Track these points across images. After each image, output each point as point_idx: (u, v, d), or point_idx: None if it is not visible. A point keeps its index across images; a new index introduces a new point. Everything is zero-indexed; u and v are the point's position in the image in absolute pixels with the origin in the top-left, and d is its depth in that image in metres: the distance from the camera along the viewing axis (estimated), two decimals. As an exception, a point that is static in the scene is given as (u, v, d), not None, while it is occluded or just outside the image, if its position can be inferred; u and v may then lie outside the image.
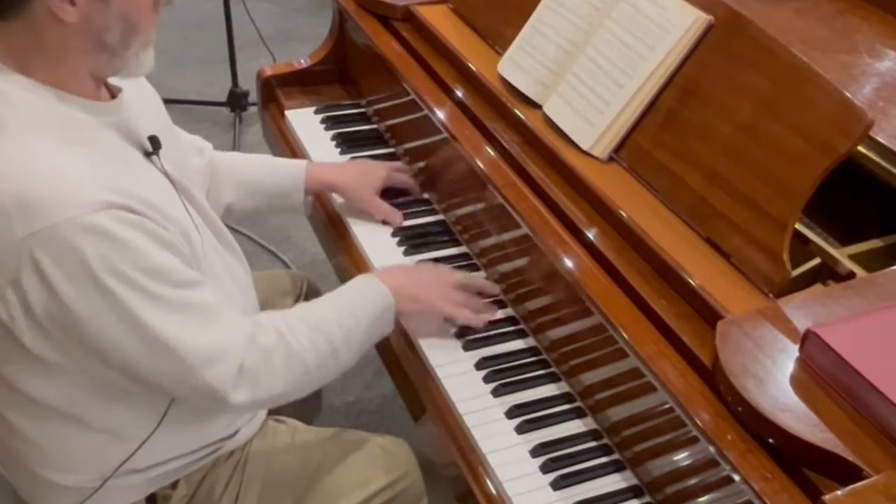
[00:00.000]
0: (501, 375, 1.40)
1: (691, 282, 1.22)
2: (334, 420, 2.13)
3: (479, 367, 1.41)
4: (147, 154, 1.23)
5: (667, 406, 1.15)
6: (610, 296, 1.28)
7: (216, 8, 3.21)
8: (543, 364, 1.43)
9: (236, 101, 3.34)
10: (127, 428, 1.25)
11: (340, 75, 2.09)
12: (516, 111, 1.57)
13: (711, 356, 1.12)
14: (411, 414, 1.48)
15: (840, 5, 1.75)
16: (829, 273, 1.28)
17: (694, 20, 1.39)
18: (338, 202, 1.74)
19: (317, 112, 1.99)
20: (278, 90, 2.05)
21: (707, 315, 1.19)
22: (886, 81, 1.52)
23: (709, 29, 1.38)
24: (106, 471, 1.27)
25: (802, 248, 1.30)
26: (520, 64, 1.62)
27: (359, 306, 1.35)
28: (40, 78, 1.11)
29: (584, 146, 1.46)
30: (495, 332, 1.47)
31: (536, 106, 1.57)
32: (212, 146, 1.61)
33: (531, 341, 1.46)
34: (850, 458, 0.98)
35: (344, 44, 2.05)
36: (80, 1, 1.07)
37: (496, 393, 1.38)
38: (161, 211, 1.14)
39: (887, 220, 1.38)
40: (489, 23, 1.77)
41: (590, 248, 1.35)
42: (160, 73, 1.22)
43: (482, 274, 1.58)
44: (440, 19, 1.84)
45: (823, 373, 1.07)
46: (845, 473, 0.98)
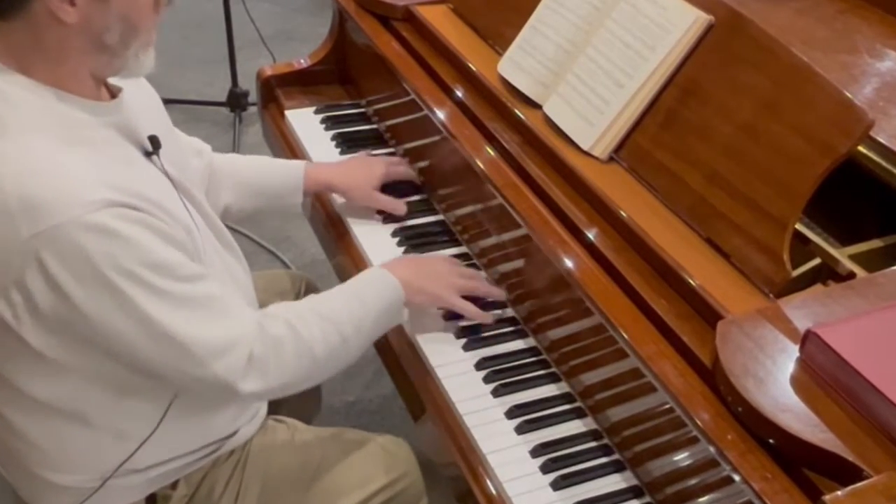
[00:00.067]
0: (501, 375, 1.40)
1: (691, 282, 1.22)
2: (334, 420, 2.13)
3: (480, 368, 1.41)
4: (147, 154, 1.23)
5: (667, 406, 1.15)
6: (610, 296, 1.27)
7: (216, 8, 3.21)
8: (543, 364, 1.43)
9: (236, 101, 3.34)
10: (128, 426, 1.25)
11: (340, 75, 2.09)
12: (516, 111, 1.57)
13: (711, 356, 1.12)
14: (411, 414, 1.48)
15: (840, 5, 1.75)
16: (830, 273, 1.28)
17: (694, 20, 1.39)
18: (338, 202, 1.74)
19: (317, 112, 1.99)
20: (278, 90, 2.04)
21: (707, 315, 1.19)
22: (887, 81, 1.52)
23: (709, 29, 1.38)
24: (106, 471, 1.27)
25: (803, 249, 1.30)
26: (520, 64, 1.62)
27: (369, 297, 1.36)
28: (40, 78, 1.11)
29: (585, 146, 1.46)
30: (495, 333, 1.47)
31: (536, 106, 1.57)
32: (210, 148, 1.61)
33: (531, 341, 1.46)
34: (851, 459, 0.98)
35: (344, 44, 2.05)
36: (80, 1, 1.07)
37: (496, 393, 1.38)
38: (163, 208, 1.15)
39: (887, 221, 1.38)
40: (489, 23, 1.77)
41: (590, 248, 1.35)
42: (160, 73, 1.22)
43: (482, 274, 1.58)
44: (440, 19, 1.84)
45: (824, 373, 1.07)
46: (845, 474, 0.98)
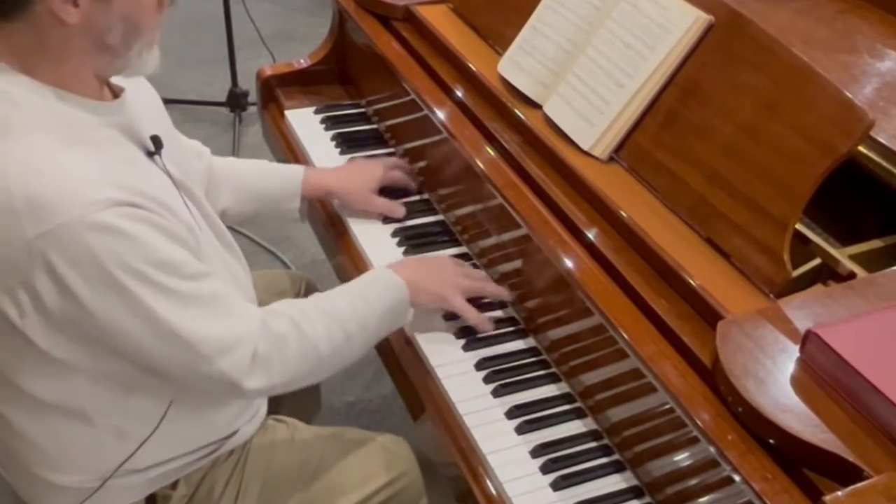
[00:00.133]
0: (501, 376, 1.40)
1: (691, 282, 1.22)
2: (334, 420, 2.13)
3: (480, 368, 1.41)
4: (149, 153, 1.23)
5: (667, 406, 1.15)
6: (610, 296, 1.27)
7: (216, 8, 3.21)
8: (544, 364, 1.43)
9: (236, 101, 3.34)
10: (129, 425, 1.25)
11: (340, 75, 2.09)
12: (516, 111, 1.57)
13: (712, 356, 1.12)
14: (411, 414, 1.48)
15: (840, 5, 1.75)
16: (830, 273, 1.28)
17: (694, 20, 1.39)
18: (337, 202, 1.74)
19: (316, 112, 1.99)
20: (278, 90, 2.04)
21: (707, 315, 1.19)
22: (887, 81, 1.52)
23: (709, 29, 1.38)
24: (106, 471, 1.27)
25: (803, 249, 1.30)
26: (520, 64, 1.62)
27: (373, 297, 1.36)
28: (43, 78, 1.11)
29: (585, 146, 1.46)
30: (495, 333, 1.47)
31: (536, 106, 1.57)
32: (209, 151, 1.61)
33: (531, 342, 1.46)
34: (851, 459, 0.98)
35: (344, 44, 2.05)
36: (83, 2, 1.07)
37: (496, 393, 1.38)
38: (166, 206, 1.15)
39: (888, 220, 1.38)
40: (489, 23, 1.77)
41: (590, 249, 1.35)
42: (160, 73, 1.22)
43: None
44: (440, 19, 1.83)
45: (824, 373, 1.07)
46: (846, 474, 0.98)
